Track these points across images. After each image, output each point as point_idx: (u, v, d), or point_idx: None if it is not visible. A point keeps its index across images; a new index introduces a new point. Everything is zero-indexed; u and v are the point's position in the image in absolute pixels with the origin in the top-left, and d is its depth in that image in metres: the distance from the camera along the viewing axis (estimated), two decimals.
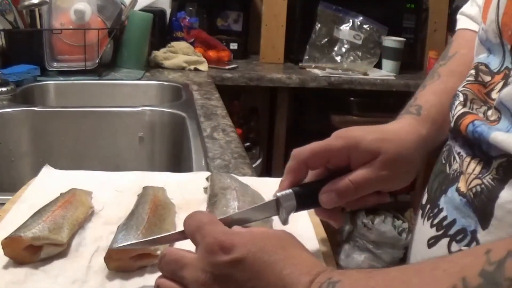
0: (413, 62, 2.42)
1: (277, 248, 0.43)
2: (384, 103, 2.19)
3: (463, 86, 0.57)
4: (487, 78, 0.55)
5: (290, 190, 0.57)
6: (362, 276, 0.39)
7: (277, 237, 0.46)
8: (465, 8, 0.73)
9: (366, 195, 0.58)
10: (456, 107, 0.56)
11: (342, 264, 2.31)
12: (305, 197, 0.57)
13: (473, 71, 0.58)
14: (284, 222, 0.57)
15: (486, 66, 0.55)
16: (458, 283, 0.32)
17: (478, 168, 0.51)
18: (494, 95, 0.53)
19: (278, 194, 0.57)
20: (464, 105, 0.55)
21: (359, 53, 2.32)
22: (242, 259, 0.43)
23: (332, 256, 0.61)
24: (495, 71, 0.54)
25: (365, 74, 2.19)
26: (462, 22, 0.72)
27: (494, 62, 0.55)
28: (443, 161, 0.60)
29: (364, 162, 0.56)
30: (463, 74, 0.61)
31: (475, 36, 0.60)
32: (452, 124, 0.56)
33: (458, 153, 0.55)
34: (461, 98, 0.56)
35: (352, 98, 2.17)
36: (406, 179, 0.60)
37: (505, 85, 0.52)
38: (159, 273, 0.56)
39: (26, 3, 1.42)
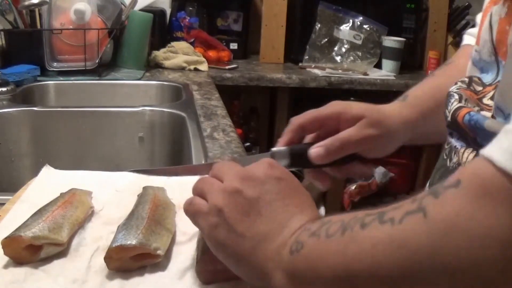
0: (413, 62, 2.42)
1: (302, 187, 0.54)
2: (384, 103, 2.19)
3: (457, 89, 0.60)
4: (479, 88, 0.58)
5: (285, 147, 0.64)
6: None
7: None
8: (470, 29, 0.77)
9: (352, 164, 0.66)
10: (452, 103, 0.58)
11: None
12: (297, 155, 0.63)
13: (466, 79, 0.60)
14: None
15: (479, 79, 0.59)
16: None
17: (471, 157, 0.53)
18: (486, 100, 0.55)
19: (274, 149, 0.63)
20: (460, 101, 0.58)
21: (359, 53, 2.32)
22: (283, 178, 0.51)
23: None
24: (487, 84, 0.57)
25: (365, 74, 2.19)
26: (465, 39, 0.77)
27: (487, 78, 0.58)
28: (445, 157, 0.62)
29: (351, 126, 0.64)
30: (453, 75, 0.66)
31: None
32: (449, 118, 0.58)
33: (455, 147, 0.57)
34: (456, 96, 0.59)
35: (352, 98, 2.17)
36: (386, 147, 0.68)
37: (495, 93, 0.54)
38: (159, 273, 0.56)
39: (26, 3, 1.42)
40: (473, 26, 0.74)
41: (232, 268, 0.51)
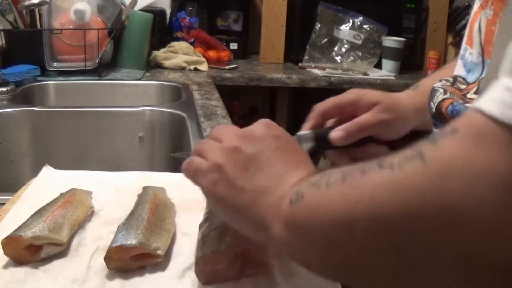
0: (413, 62, 2.42)
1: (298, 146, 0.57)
2: None
3: (442, 85, 0.63)
4: (463, 86, 0.61)
5: (310, 131, 0.70)
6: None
7: None
8: None
9: (367, 144, 0.72)
10: (437, 96, 0.62)
11: None
12: (321, 138, 0.70)
13: (450, 78, 0.63)
14: None
15: (463, 78, 0.63)
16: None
17: None
18: (470, 95, 0.58)
19: (299, 133, 0.69)
20: (445, 94, 0.61)
21: (359, 53, 2.32)
22: (281, 136, 0.54)
23: None
24: (471, 82, 0.61)
25: (365, 74, 2.19)
26: None
27: (471, 78, 0.61)
28: None
29: (367, 111, 0.71)
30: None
31: None
32: (434, 110, 0.60)
33: None
34: (441, 90, 0.62)
35: None
36: (399, 130, 0.74)
37: (478, 88, 0.57)
38: (159, 273, 0.56)
39: (26, 3, 1.42)
40: None
41: (231, 222, 0.52)
